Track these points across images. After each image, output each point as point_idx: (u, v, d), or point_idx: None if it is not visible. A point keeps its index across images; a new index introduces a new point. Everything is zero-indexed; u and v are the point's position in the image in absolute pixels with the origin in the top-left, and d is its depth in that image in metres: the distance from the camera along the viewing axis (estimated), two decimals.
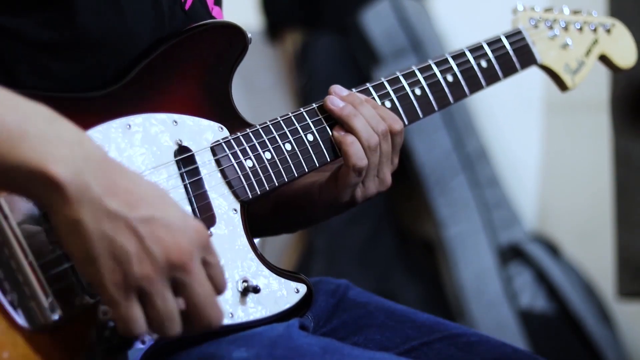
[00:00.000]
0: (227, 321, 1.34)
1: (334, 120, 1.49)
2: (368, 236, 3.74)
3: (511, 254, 3.60)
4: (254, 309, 1.36)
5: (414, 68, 1.59)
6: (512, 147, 3.81)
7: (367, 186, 1.50)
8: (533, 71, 1.79)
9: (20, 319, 1.16)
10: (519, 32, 1.71)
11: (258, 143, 1.43)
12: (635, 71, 1.86)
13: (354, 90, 1.53)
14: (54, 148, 1.09)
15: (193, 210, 1.34)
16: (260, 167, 1.42)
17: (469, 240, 3.59)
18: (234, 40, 1.42)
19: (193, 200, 1.35)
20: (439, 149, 3.56)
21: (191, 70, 1.40)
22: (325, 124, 1.49)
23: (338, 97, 1.49)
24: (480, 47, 1.65)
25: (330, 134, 1.49)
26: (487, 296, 3.52)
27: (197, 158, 1.37)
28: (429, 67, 1.59)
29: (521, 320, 3.48)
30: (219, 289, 1.15)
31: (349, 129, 1.47)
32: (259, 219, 1.54)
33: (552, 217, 3.79)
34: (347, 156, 1.46)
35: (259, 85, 3.90)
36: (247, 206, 1.40)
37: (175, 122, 1.36)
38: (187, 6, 1.45)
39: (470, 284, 3.55)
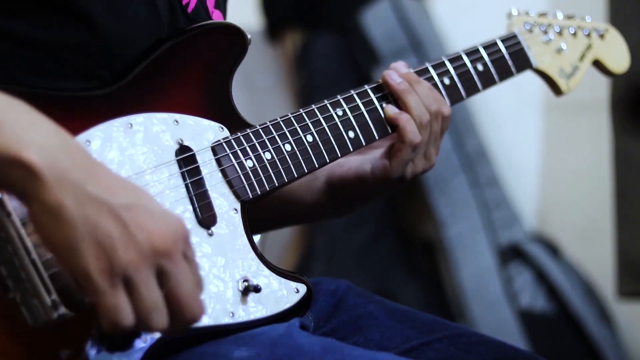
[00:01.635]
0: (228, 320, 1.34)
1: (333, 122, 1.50)
2: (368, 236, 3.74)
3: (511, 254, 3.60)
4: (255, 309, 1.37)
5: (412, 71, 1.60)
6: (512, 147, 3.81)
7: (416, 163, 1.57)
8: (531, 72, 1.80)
9: (23, 316, 1.16)
10: (515, 36, 1.72)
11: (258, 143, 1.43)
12: (634, 71, 1.87)
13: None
14: (31, 135, 1.07)
15: (194, 209, 1.35)
16: (260, 167, 1.42)
17: (469, 240, 3.59)
18: (233, 41, 1.43)
19: (194, 199, 1.35)
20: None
21: (191, 71, 1.40)
22: (324, 125, 1.50)
23: (396, 73, 1.56)
24: (476, 51, 1.67)
25: (330, 135, 1.49)
26: (487, 296, 3.52)
27: (198, 157, 1.37)
28: (426, 70, 1.61)
29: (521, 320, 3.48)
30: (199, 284, 1.13)
31: (402, 105, 1.55)
32: (316, 204, 1.61)
33: (552, 217, 3.80)
34: (404, 132, 1.53)
35: (259, 85, 3.91)
36: (248, 206, 1.41)
37: (177, 121, 1.36)
38: (189, 9, 1.45)
39: (470, 284, 3.55)
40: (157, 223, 1.09)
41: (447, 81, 1.63)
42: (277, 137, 1.45)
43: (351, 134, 1.53)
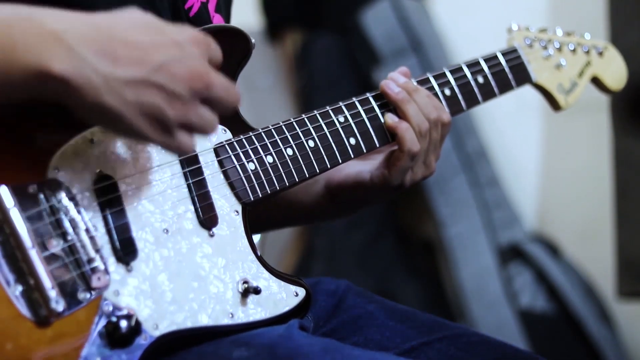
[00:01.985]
0: (227, 321, 1.34)
1: (335, 128, 1.50)
2: (368, 236, 3.74)
3: (511, 254, 3.60)
4: (254, 310, 1.37)
5: (413, 81, 1.61)
6: (512, 147, 3.81)
7: (415, 171, 1.58)
8: None
9: (24, 310, 1.17)
10: (515, 50, 1.74)
11: (260, 146, 1.44)
12: (634, 71, 1.87)
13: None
14: (47, 45, 1.11)
15: (196, 209, 1.35)
16: (262, 170, 1.43)
17: (469, 240, 3.59)
18: (237, 44, 1.44)
19: (196, 199, 1.35)
20: None
21: None
22: (326, 131, 1.51)
23: (394, 83, 1.56)
24: (477, 63, 1.68)
25: (331, 141, 1.50)
26: (487, 296, 3.52)
27: (201, 158, 1.38)
28: (427, 80, 1.62)
29: (521, 320, 3.48)
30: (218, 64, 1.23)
31: (401, 114, 1.55)
32: (315, 207, 1.62)
33: (552, 217, 3.79)
34: (403, 141, 1.53)
35: (259, 85, 3.91)
36: (249, 208, 1.41)
37: None
38: (192, 13, 1.46)
39: (470, 284, 3.55)
40: (186, 64, 1.17)
41: (447, 92, 1.64)
42: (279, 140, 1.46)
43: (352, 140, 1.53)
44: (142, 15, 1.19)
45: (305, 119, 1.50)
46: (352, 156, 1.53)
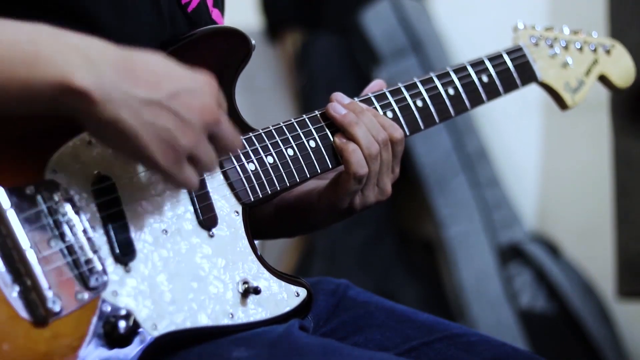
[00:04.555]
0: (227, 321, 1.34)
1: (337, 127, 1.49)
2: (368, 236, 3.74)
3: (511, 254, 3.60)
4: (254, 311, 1.37)
5: (416, 80, 1.60)
6: (512, 147, 3.81)
7: (366, 194, 1.51)
8: None
9: (21, 311, 1.17)
10: (520, 49, 1.72)
11: (260, 147, 1.43)
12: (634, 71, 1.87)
13: (355, 99, 1.53)
14: (69, 58, 1.12)
15: (195, 210, 1.35)
16: (262, 171, 1.42)
17: (469, 240, 3.59)
18: (237, 46, 1.43)
19: (195, 200, 1.35)
20: (439, 149, 3.56)
21: None
22: (327, 131, 1.50)
23: (340, 105, 1.50)
24: (481, 62, 1.67)
25: (332, 141, 1.49)
26: (487, 296, 3.52)
27: None
28: (431, 80, 1.61)
29: (521, 320, 3.48)
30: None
31: (350, 137, 1.48)
32: (262, 222, 1.56)
33: (552, 217, 3.79)
34: (348, 164, 1.47)
35: (259, 85, 3.90)
36: (249, 209, 1.41)
37: None
38: (190, 8, 1.45)
39: (470, 284, 3.55)
40: (200, 98, 1.20)
41: (451, 91, 1.62)
42: (279, 141, 1.45)
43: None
44: (160, 54, 1.22)
45: (307, 119, 1.49)
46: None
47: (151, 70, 1.18)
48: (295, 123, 1.48)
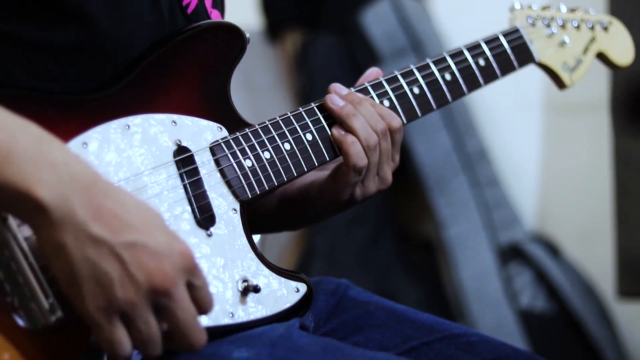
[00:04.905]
0: (227, 321, 1.34)
1: (333, 119, 1.49)
2: (368, 236, 3.74)
3: (511, 254, 3.60)
4: (255, 309, 1.36)
5: (412, 67, 1.59)
6: (512, 147, 3.81)
7: (366, 185, 1.51)
8: (533, 71, 1.79)
9: (20, 320, 1.16)
10: (517, 31, 1.71)
11: (257, 143, 1.43)
12: (634, 71, 1.87)
13: (352, 89, 1.53)
14: (40, 170, 1.09)
15: (193, 210, 1.35)
16: (259, 167, 1.42)
17: (469, 240, 3.59)
18: (232, 40, 1.43)
19: (192, 200, 1.35)
20: (439, 149, 3.56)
21: (189, 71, 1.40)
22: (324, 123, 1.49)
23: (337, 96, 1.50)
24: (478, 46, 1.66)
25: (330, 133, 1.49)
26: (487, 296, 3.52)
27: (197, 158, 1.37)
28: (427, 66, 1.60)
29: (521, 320, 3.48)
30: (204, 309, 1.17)
31: (348, 128, 1.48)
32: (264, 216, 1.56)
33: (552, 217, 3.79)
34: (347, 156, 1.47)
35: (259, 85, 3.90)
36: (247, 206, 1.40)
37: (174, 122, 1.36)
38: (189, 10, 1.45)
39: (470, 284, 3.55)
40: (159, 261, 1.12)
41: (448, 77, 1.61)
42: (276, 136, 1.45)
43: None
44: (151, 206, 1.16)
45: (303, 112, 1.49)
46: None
47: (119, 215, 1.12)
48: (291, 116, 1.47)
